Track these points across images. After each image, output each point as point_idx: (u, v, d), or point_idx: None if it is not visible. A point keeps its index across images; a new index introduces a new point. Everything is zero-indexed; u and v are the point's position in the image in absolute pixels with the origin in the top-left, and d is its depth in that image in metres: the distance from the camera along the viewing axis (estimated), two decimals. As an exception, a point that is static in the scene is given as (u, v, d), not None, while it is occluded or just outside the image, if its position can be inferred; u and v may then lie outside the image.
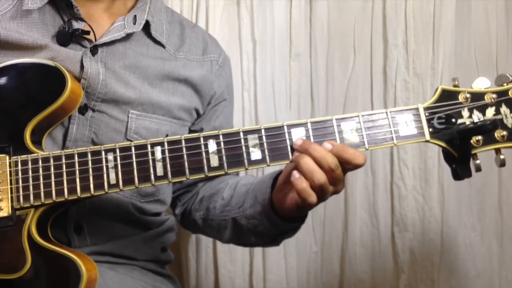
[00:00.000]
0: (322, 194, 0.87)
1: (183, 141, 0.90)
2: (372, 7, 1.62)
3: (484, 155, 0.91)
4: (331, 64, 1.64)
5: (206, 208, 1.16)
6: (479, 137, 0.89)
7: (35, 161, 0.91)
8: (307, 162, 0.86)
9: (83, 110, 1.01)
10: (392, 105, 1.60)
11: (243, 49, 1.61)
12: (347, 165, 0.87)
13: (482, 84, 0.92)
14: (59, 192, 0.90)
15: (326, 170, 0.86)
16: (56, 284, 0.91)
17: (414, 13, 1.60)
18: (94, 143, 1.03)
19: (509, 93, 0.91)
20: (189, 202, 1.22)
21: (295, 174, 0.88)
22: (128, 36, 1.06)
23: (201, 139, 0.90)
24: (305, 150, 0.87)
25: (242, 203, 1.06)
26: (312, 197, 0.87)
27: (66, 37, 1.00)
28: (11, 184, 0.91)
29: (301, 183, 0.86)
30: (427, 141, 0.90)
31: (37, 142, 0.95)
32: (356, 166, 0.87)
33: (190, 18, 1.58)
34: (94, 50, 1.02)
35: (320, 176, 0.86)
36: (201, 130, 1.19)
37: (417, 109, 0.91)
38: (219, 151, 0.90)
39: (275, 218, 0.98)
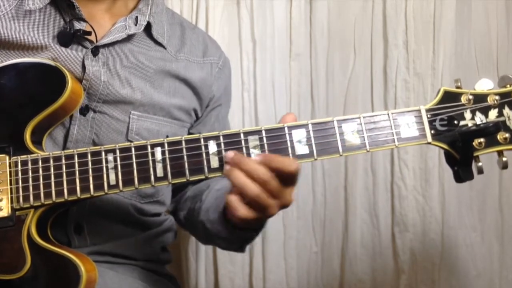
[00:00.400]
0: (260, 207, 0.84)
1: (183, 142, 0.90)
2: (372, 7, 1.62)
3: (485, 156, 0.90)
4: (331, 64, 1.64)
5: (188, 208, 1.16)
6: (482, 139, 0.88)
7: (35, 162, 0.91)
8: (237, 176, 0.84)
9: (84, 111, 1.01)
10: (393, 105, 1.60)
11: (243, 49, 1.61)
12: (282, 175, 0.84)
13: (485, 85, 0.91)
14: (59, 193, 0.90)
15: (260, 182, 0.83)
16: (56, 285, 0.91)
17: (415, 13, 1.60)
18: (95, 144, 1.02)
19: (512, 94, 0.90)
20: (178, 201, 1.23)
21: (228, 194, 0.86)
22: (129, 37, 1.06)
23: (202, 140, 0.90)
24: (236, 164, 0.85)
25: (208, 207, 1.04)
26: (240, 211, 0.84)
27: (67, 38, 1.00)
28: (11, 184, 0.91)
29: (232, 201, 0.85)
30: (429, 143, 0.89)
31: (38, 142, 0.95)
32: (290, 174, 0.84)
33: (190, 18, 1.58)
34: (95, 51, 1.02)
35: (252, 189, 0.83)
36: (199, 133, 1.18)
37: (419, 110, 0.90)
38: (219, 152, 0.89)
39: (229, 227, 0.95)
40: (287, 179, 0.84)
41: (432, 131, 0.89)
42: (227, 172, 0.85)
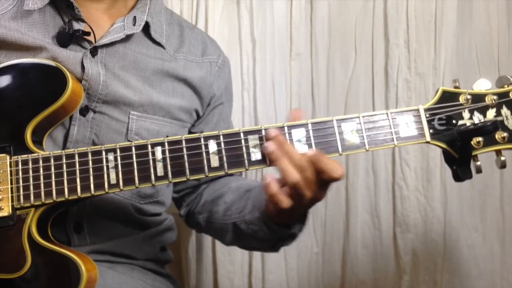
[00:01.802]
0: (297, 196, 0.86)
1: (183, 142, 0.90)
2: (373, 6, 1.62)
3: (486, 156, 0.90)
4: (332, 64, 1.64)
5: (209, 211, 1.15)
6: (480, 139, 0.89)
7: (35, 161, 0.91)
8: (284, 162, 0.85)
9: (84, 111, 1.01)
10: (394, 105, 1.60)
11: (243, 48, 1.61)
12: (324, 178, 0.85)
13: (482, 85, 0.91)
14: (60, 192, 0.90)
15: (298, 168, 0.85)
16: (56, 284, 0.91)
17: (416, 12, 1.60)
18: (94, 144, 1.02)
19: (510, 94, 0.90)
20: (192, 203, 1.22)
21: (267, 177, 0.87)
22: (127, 37, 1.06)
23: (202, 139, 0.90)
24: (278, 144, 0.86)
25: (242, 208, 1.05)
26: (284, 202, 0.86)
27: (66, 38, 1.00)
28: (11, 183, 0.91)
29: (272, 188, 0.86)
30: (428, 142, 0.89)
31: (38, 142, 0.95)
32: (333, 180, 0.85)
33: (190, 18, 1.58)
34: (94, 52, 1.02)
35: (294, 175, 0.84)
36: (201, 132, 1.17)
37: (417, 110, 0.90)
38: (219, 152, 0.90)
39: (271, 224, 0.96)
40: (327, 180, 0.86)
41: (431, 131, 0.90)
42: (273, 157, 0.86)
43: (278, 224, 0.96)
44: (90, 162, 0.91)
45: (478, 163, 0.89)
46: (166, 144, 0.90)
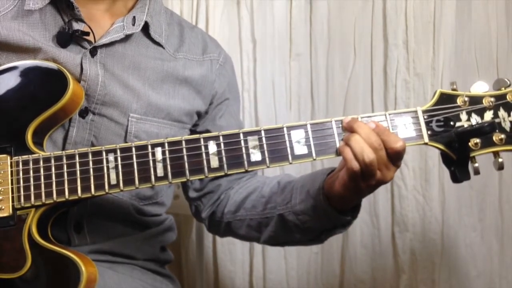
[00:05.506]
0: (369, 173, 0.87)
1: (183, 142, 0.91)
2: (373, 7, 1.62)
3: (484, 156, 0.91)
4: (331, 64, 1.64)
5: (244, 209, 1.13)
6: (477, 140, 0.89)
7: (36, 161, 0.92)
8: (357, 141, 0.87)
9: (83, 113, 1.01)
10: (393, 105, 1.61)
11: (243, 49, 1.62)
12: (386, 149, 0.88)
13: (480, 88, 0.92)
14: (60, 192, 0.91)
15: (372, 148, 0.87)
16: (56, 284, 0.92)
17: (415, 13, 1.60)
18: (93, 146, 1.02)
19: (507, 97, 0.91)
20: (217, 205, 1.19)
21: (341, 143, 0.90)
22: (127, 37, 1.06)
23: (201, 140, 0.91)
24: (351, 127, 0.89)
25: (289, 199, 1.05)
26: (353, 162, 0.87)
27: (65, 38, 1.00)
28: (12, 184, 0.92)
29: (345, 148, 0.88)
30: (426, 143, 0.90)
31: (39, 143, 0.96)
32: (394, 151, 0.87)
33: (190, 18, 1.59)
34: (93, 52, 1.02)
35: (370, 153, 0.86)
36: (207, 131, 1.16)
37: (415, 112, 0.91)
38: (219, 152, 0.90)
39: (328, 208, 0.96)
40: (392, 156, 0.88)
41: (429, 132, 0.90)
42: (346, 137, 0.89)
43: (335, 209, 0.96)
44: (91, 163, 0.91)
45: (476, 164, 0.89)
46: (166, 145, 0.91)
